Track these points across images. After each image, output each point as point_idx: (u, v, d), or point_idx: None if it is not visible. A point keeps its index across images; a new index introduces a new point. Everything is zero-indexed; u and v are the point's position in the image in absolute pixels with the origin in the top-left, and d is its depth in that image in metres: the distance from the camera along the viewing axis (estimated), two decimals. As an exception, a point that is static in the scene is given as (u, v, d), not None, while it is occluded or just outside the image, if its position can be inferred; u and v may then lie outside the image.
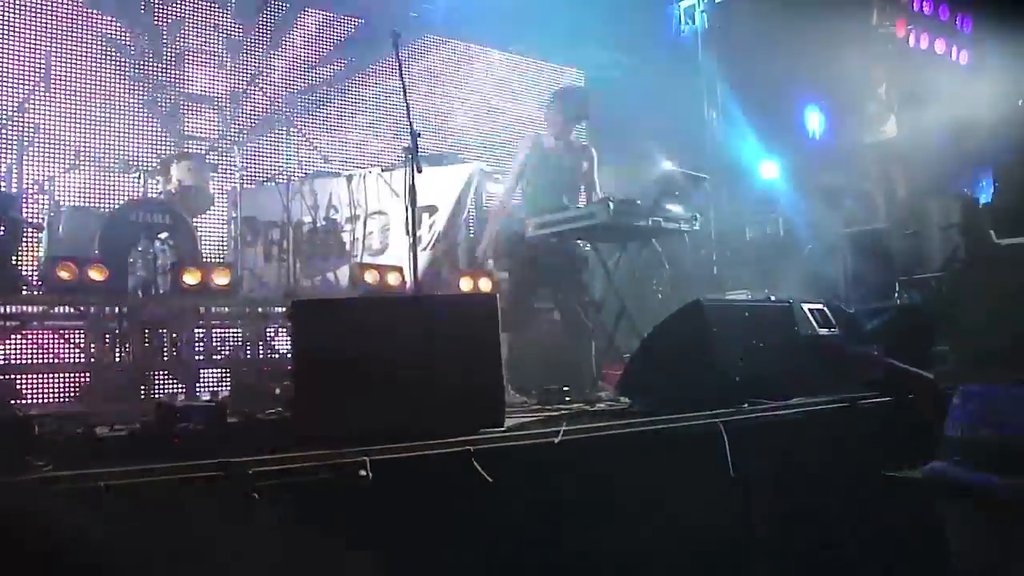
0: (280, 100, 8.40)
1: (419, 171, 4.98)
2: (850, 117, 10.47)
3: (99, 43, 7.95)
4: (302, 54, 9.26)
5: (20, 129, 7.04)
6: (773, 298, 5.37)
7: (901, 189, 9.86)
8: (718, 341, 4.12)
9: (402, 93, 5.17)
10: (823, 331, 4.94)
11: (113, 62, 8.01)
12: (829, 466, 3.93)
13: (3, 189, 6.64)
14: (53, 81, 7.41)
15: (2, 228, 5.87)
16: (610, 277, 5.92)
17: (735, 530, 3.64)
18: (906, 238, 8.56)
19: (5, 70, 7.37)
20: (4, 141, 7.07)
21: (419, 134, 5.07)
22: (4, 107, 7.23)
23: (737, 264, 10.82)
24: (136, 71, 8.12)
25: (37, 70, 7.33)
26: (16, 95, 7.24)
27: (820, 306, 5.10)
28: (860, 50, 10.43)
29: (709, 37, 12.20)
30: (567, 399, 4.96)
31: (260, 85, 8.43)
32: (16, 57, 7.45)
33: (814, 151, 11.33)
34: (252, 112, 8.65)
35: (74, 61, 7.79)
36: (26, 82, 7.31)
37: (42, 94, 7.33)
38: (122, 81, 8.06)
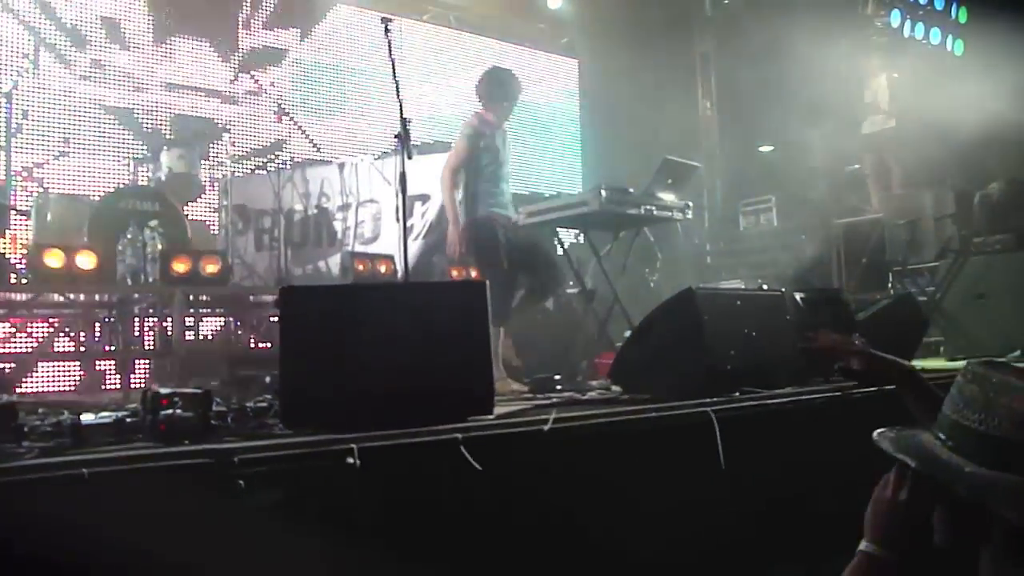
0: (271, 87, 8.33)
1: (410, 158, 4.95)
2: (845, 107, 10.43)
3: (88, 27, 7.90)
4: (295, 41, 9.22)
5: (8, 115, 6.99)
6: (765, 287, 5.35)
7: (896, 179, 9.84)
8: (710, 329, 4.10)
9: (393, 80, 5.14)
10: (814, 320, 4.91)
11: (102, 47, 7.96)
12: (821, 455, 3.91)
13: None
14: (41, 67, 7.36)
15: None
16: (602, 266, 5.89)
17: (726, 520, 3.61)
18: (900, 228, 8.56)
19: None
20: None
21: (410, 121, 5.04)
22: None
23: (730, 254, 10.83)
24: (126, 56, 8.07)
25: (25, 55, 7.27)
26: (3, 81, 7.18)
27: (812, 295, 5.08)
28: (854, 39, 10.40)
29: (705, 25, 12.20)
30: (558, 387, 4.94)
31: (251, 72, 8.36)
32: (3, 42, 7.39)
33: (809, 142, 11.31)
34: (243, 99, 8.60)
35: (63, 46, 7.73)
36: (14, 68, 7.26)
37: (30, 80, 7.28)
38: (112, 67, 8.01)
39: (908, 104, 10.10)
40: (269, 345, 6.59)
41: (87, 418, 3.12)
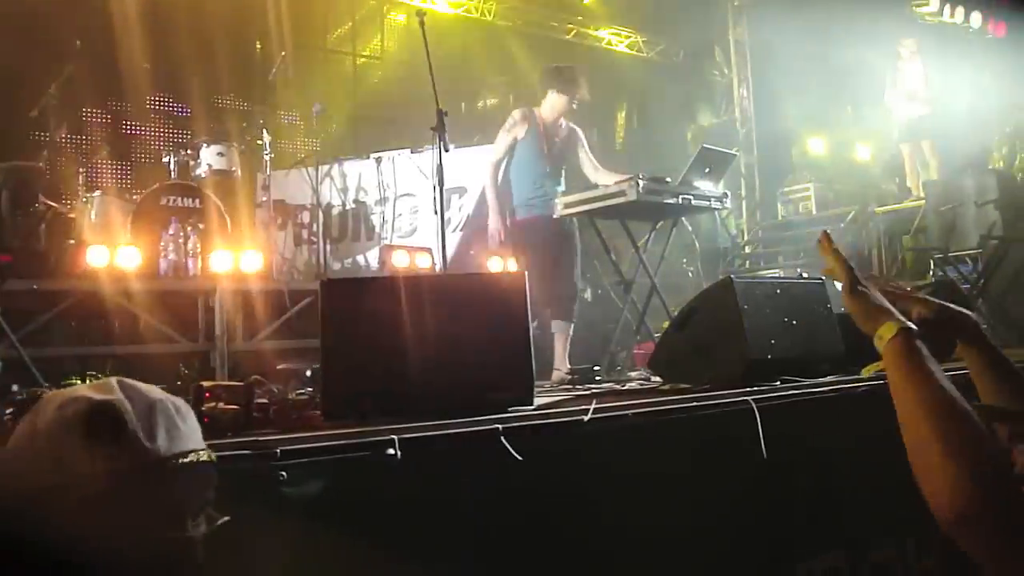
0: (310, 82, 8.36)
1: (447, 151, 4.97)
2: (882, 93, 10.31)
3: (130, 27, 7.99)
4: (332, 34, 9.26)
5: (56, 115, 7.08)
6: (806, 275, 5.30)
7: (935, 165, 9.71)
8: (749, 319, 4.07)
9: (429, 73, 5.16)
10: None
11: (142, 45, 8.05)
12: (864, 444, 3.88)
13: (39, 175, 6.71)
14: (85, 65, 7.43)
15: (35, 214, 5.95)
16: (640, 255, 5.87)
17: (768, 509, 3.60)
18: (942, 215, 8.45)
19: (40, 51, 7.41)
20: (40, 128, 7.12)
21: (446, 114, 5.05)
22: (40, 93, 7.25)
23: (769, 242, 10.76)
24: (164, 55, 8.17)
25: (70, 51, 7.33)
26: (50, 80, 7.25)
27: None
28: (891, 24, 10.28)
29: (740, 12, 12.11)
30: (597, 378, 4.94)
31: (290, 67, 8.38)
32: (50, 40, 7.47)
33: (847, 129, 11.21)
34: (281, 95, 8.65)
35: (104, 44, 7.82)
36: (59, 66, 7.33)
37: (74, 79, 7.36)
38: (152, 65, 8.11)
39: (946, 89, 9.97)
40: (309, 338, 6.63)
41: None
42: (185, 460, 1.52)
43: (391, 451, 2.70)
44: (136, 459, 1.43)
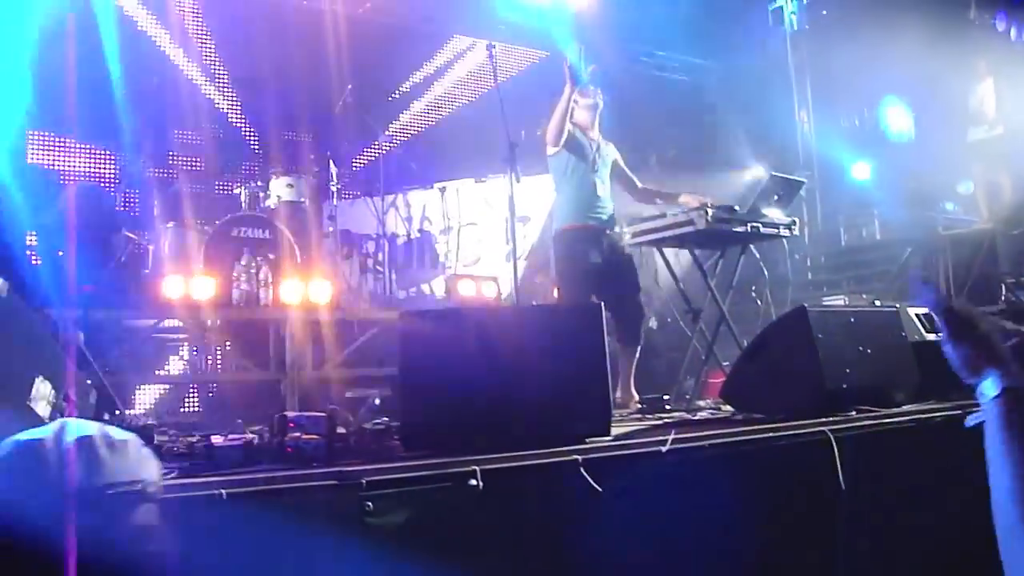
0: (375, 113, 8.47)
1: (518, 181, 5.01)
2: (950, 115, 10.15)
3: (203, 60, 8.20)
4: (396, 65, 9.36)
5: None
6: (878, 303, 5.25)
7: (1007, 188, 9.52)
8: (823, 348, 4.04)
9: (500, 105, 5.22)
10: (931, 336, 4.81)
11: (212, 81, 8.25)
12: (942, 477, 3.82)
13: (117, 209, 6.89)
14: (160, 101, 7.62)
15: (118, 248, 6.10)
16: (708, 284, 5.85)
17: (845, 543, 3.56)
18: (1012, 239, 8.28)
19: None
20: (115, 162, 7.30)
21: (516, 144, 5.10)
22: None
23: (833, 269, 10.60)
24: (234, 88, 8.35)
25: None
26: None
27: (928, 311, 4.96)
28: (958, 46, 10.12)
29: (799, 38, 12.02)
30: (667, 408, 4.93)
31: (355, 98, 8.50)
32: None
33: (910, 151, 11.04)
34: (346, 126, 8.77)
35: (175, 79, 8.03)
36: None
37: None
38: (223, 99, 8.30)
39: (1016, 110, 9.78)
40: (378, 367, 6.69)
41: (218, 440, 3.23)
42: (112, 492, 1.55)
43: (473, 481, 2.73)
44: (53, 493, 1.48)
